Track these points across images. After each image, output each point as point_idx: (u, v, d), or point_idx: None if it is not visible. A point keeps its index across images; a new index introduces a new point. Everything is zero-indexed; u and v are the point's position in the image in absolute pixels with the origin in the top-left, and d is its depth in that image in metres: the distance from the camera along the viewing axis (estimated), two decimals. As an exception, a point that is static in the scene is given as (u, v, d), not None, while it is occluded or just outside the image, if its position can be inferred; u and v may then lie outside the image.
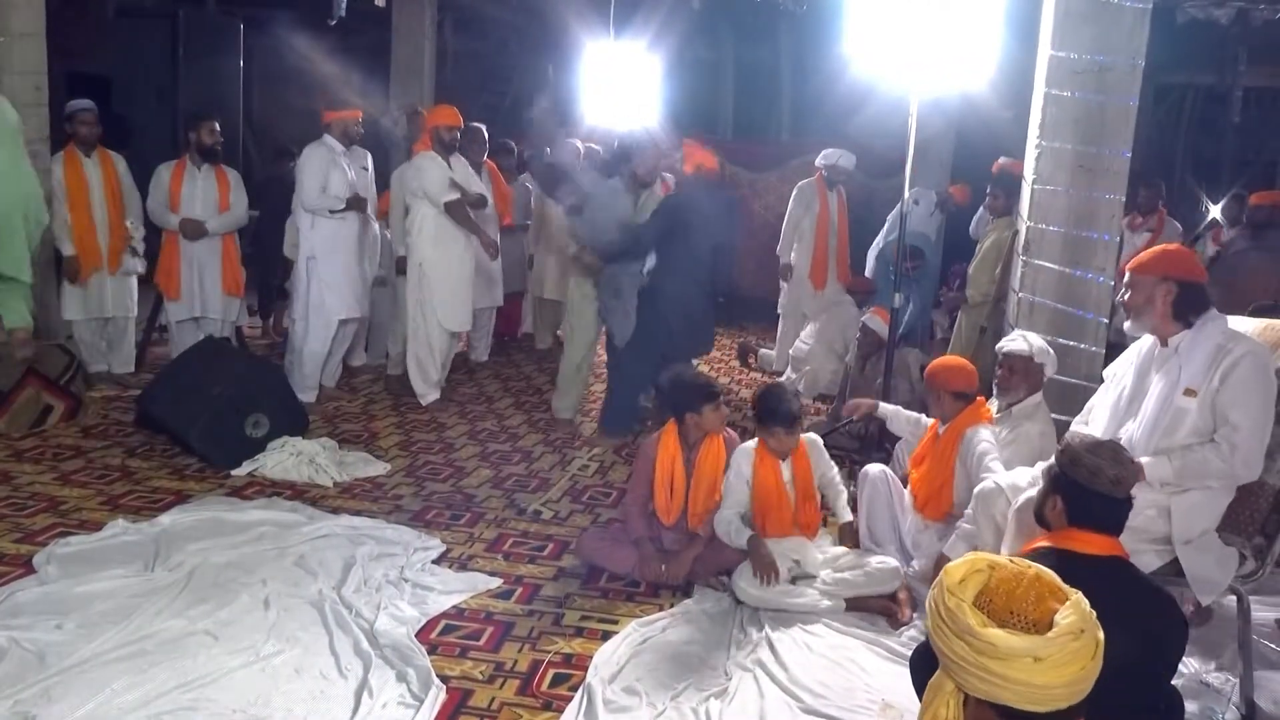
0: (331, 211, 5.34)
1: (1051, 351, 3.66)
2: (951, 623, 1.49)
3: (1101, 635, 1.49)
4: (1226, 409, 2.67)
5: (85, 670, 2.61)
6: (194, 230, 5.51)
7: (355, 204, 5.44)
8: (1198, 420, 2.72)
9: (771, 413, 3.44)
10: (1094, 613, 1.52)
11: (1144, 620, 1.98)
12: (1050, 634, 1.46)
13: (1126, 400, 2.93)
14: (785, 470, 3.49)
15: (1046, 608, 1.51)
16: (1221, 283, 4.69)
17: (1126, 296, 2.90)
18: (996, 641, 1.44)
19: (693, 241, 4.90)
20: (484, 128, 6.51)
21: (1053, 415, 3.79)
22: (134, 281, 5.65)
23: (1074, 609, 1.50)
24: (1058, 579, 1.57)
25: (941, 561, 3.26)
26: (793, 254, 6.95)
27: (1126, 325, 2.95)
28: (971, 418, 3.47)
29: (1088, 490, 2.15)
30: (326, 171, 5.33)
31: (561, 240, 5.82)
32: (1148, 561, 2.71)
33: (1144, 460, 2.73)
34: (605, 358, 5.54)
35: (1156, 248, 2.99)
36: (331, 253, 5.39)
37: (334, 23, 7.41)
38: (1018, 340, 3.65)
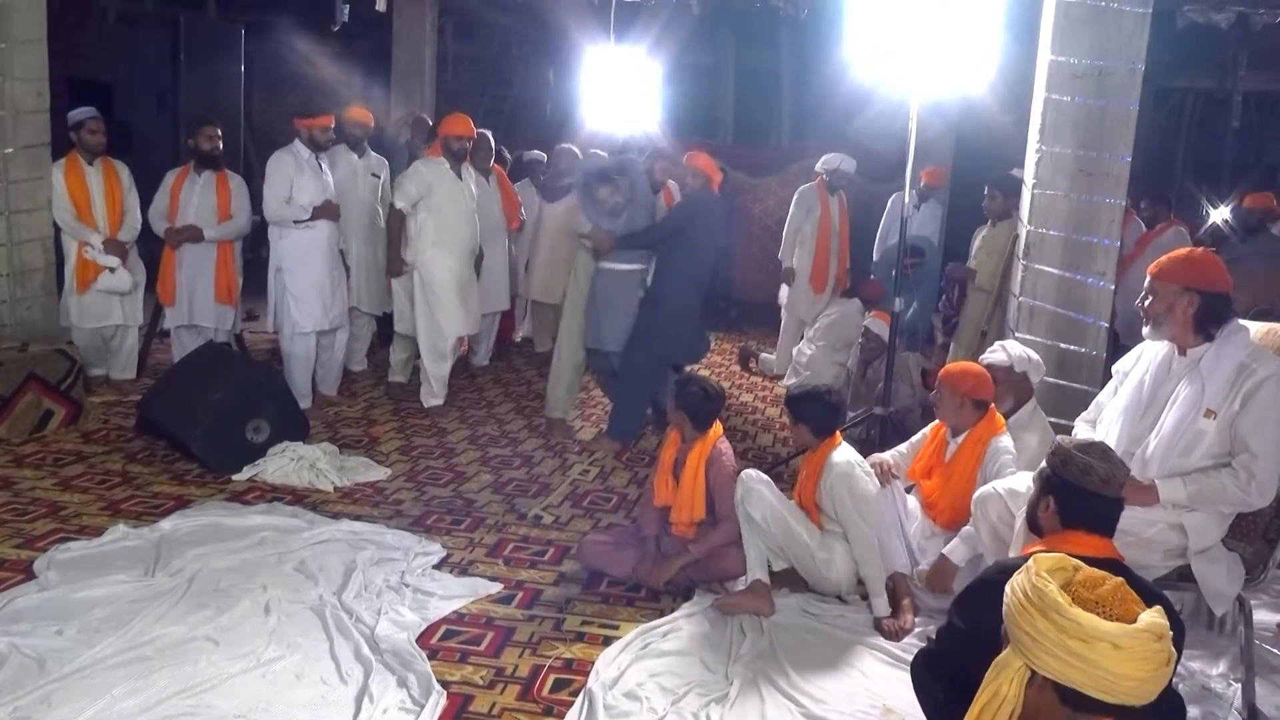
0: (296, 222, 5.24)
1: (1034, 357, 3.64)
2: (1038, 599, 1.51)
3: (1173, 651, 1.51)
4: (1246, 436, 2.61)
5: (86, 676, 2.61)
6: (179, 237, 5.47)
7: (324, 212, 5.31)
8: (1214, 443, 2.67)
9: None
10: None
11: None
12: (1135, 626, 1.48)
13: (1142, 412, 2.84)
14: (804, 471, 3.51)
15: (1130, 609, 1.53)
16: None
17: (1147, 303, 2.80)
18: (1082, 621, 1.47)
19: (696, 249, 4.97)
20: (490, 134, 6.50)
21: (1052, 420, 3.79)
22: (138, 290, 5.65)
23: (1159, 614, 1.52)
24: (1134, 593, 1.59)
25: (942, 564, 3.25)
26: (794, 258, 6.95)
27: (1145, 331, 2.85)
28: (989, 428, 3.41)
29: (1080, 489, 2.16)
30: (292, 179, 5.24)
31: (565, 226, 5.76)
32: (1153, 570, 2.70)
33: (1158, 482, 2.70)
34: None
35: (1180, 251, 2.87)
36: (299, 264, 5.28)
37: (335, 28, 7.43)
38: (998, 351, 3.64)
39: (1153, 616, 1.51)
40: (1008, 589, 1.59)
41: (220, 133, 5.62)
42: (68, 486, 4.08)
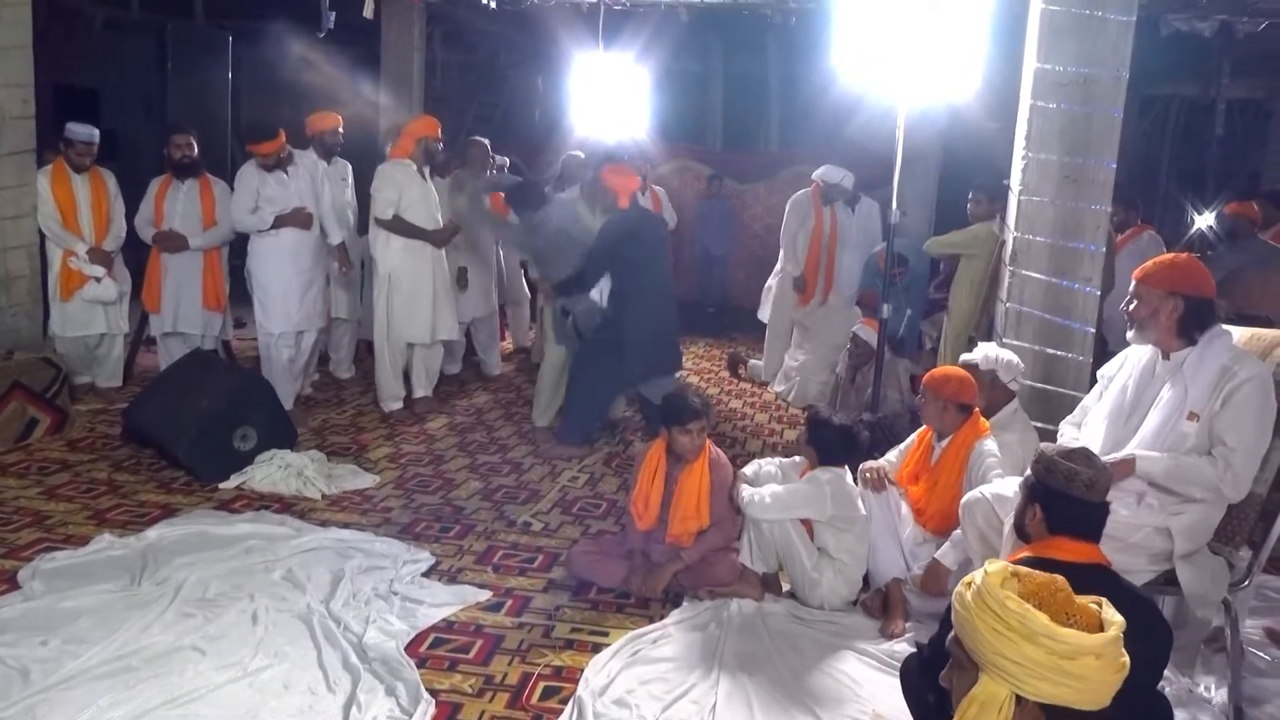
0: (261, 231, 5.23)
1: (1005, 357, 3.65)
2: (1020, 625, 1.47)
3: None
4: (1223, 432, 2.65)
5: (71, 687, 2.59)
6: (171, 243, 5.46)
7: (292, 220, 5.27)
8: (1197, 446, 2.70)
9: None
10: None
11: (1130, 626, 1.99)
12: (1110, 633, 1.48)
13: (1125, 416, 2.88)
14: None
15: (1086, 609, 1.52)
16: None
17: (1131, 306, 2.84)
18: (1071, 640, 1.45)
19: (637, 267, 4.92)
20: (487, 141, 6.46)
21: (1039, 424, 3.80)
22: (124, 299, 5.61)
23: (1110, 607, 1.53)
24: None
25: (935, 568, 3.26)
26: (788, 265, 6.94)
27: (1129, 335, 2.89)
28: (973, 431, 3.42)
29: (1065, 495, 2.18)
30: (257, 189, 5.21)
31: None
32: (1139, 574, 2.71)
33: (1138, 454, 2.73)
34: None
35: (1165, 257, 2.92)
36: (267, 268, 5.27)
37: (323, 35, 7.41)
38: (972, 353, 3.68)
39: (1112, 614, 1.51)
40: (966, 617, 1.54)
41: (192, 140, 5.57)
42: (53, 495, 4.06)
